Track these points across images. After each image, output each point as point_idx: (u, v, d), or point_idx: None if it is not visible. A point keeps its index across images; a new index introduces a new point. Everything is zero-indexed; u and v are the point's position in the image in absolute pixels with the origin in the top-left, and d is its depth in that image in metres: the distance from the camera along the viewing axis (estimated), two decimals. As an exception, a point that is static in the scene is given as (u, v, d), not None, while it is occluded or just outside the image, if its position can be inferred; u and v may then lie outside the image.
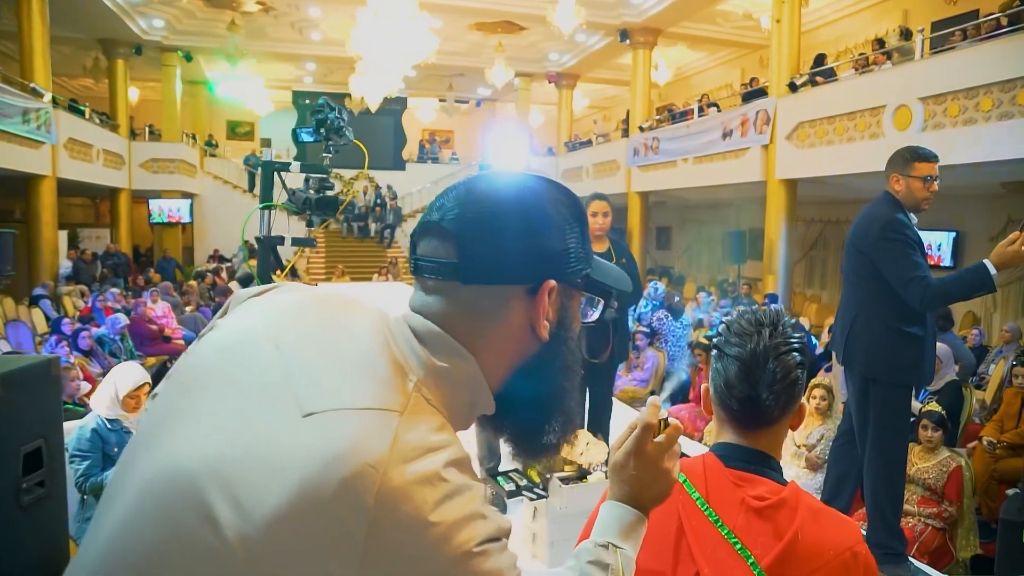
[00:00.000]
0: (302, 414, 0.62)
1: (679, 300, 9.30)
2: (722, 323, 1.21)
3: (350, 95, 12.39)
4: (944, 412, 3.90)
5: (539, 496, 2.76)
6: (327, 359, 0.68)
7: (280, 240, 2.96)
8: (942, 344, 4.70)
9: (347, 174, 17.31)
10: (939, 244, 10.07)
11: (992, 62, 7.02)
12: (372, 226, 18.77)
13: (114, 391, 3.26)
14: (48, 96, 11.45)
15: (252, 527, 0.57)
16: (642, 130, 14.62)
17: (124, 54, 15.64)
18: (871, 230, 2.80)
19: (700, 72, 18.25)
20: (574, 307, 0.81)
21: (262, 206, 2.97)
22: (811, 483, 4.10)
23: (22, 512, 1.62)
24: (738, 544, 1.06)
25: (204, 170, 18.29)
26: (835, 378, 4.75)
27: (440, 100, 21.65)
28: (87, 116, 13.87)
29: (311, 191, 2.96)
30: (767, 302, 7.71)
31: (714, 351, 1.19)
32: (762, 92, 11.34)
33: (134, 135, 16.72)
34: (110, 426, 3.24)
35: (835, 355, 3.48)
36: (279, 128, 19.52)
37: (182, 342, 8.94)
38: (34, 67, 11.35)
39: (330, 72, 18.95)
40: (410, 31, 10.27)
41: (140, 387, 3.29)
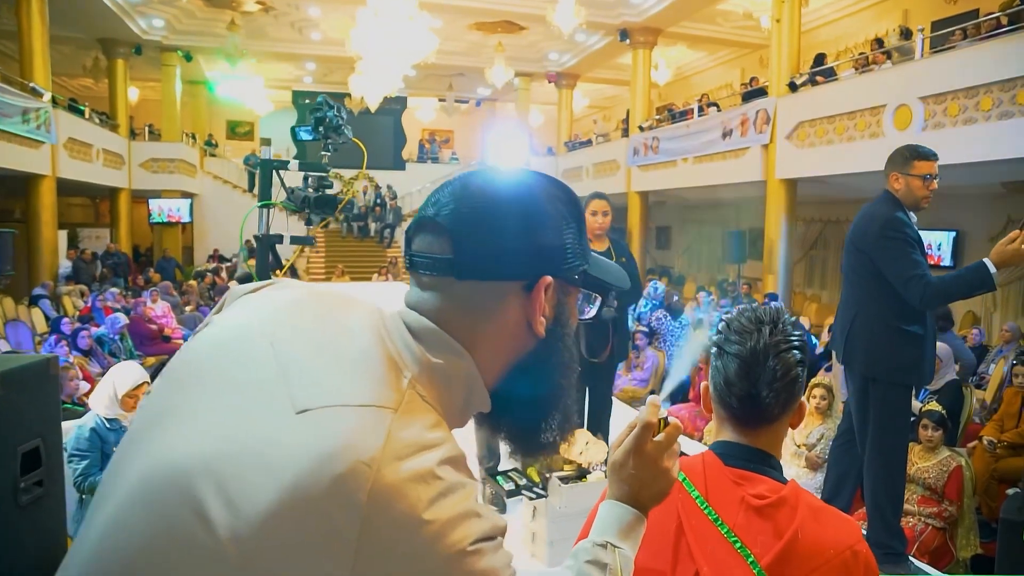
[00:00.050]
0: (296, 411, 0.62)
1: (678, 299, 9.30)
2: (722, 321, 1.20)
3: (350, 95, 12.38)
4: (944, 412, 3.89)
5: (538, 495, 2.76)
6: (322, 355, 0.67)
7: (279, 238, 2.96)
8: (942, 344, 4.70)
9: (347, 174, 17.32)
10: (939, 244, 10.06)
11: (992, 61, 7.01)
12: (372, 226, 18.77)
13: (113, 390, 3.26)
14: (48, 96, 11.45)
15: (244, 524, 0.57)
16: (642, 130, 14.61)
17: (124, 54, 15.64)
18: (871, 229, 2.79)
19: (700, 72, 18.25)
20: (571, 304, 0.80)
21: (261, 204, 2.96)
22: (811, 483, 4.09)
23: (20, 512, 1.61)
24: (738, 543, 1.05)
25: (204, 170, 18.29)
26: (835, 377, 4.74)
27: (440, 100, 21.64)
28: (87, 116, 13.86)
29: (310, 189, 2.96)
30: (767, 302, 7.66)
31: (714, 349, 1.18)
32: (762, 92, 11.33)
33: (134, 135, 16.72)
34: (109, 425, 3.23)
35: (835, 354, 3.47)
36: (279, 128, 19.47)
37: (181, 342, 8.92)
38: (34, 67, 11.35)
39: (330, 72, 18.95)
40: (410, 31, 10.27)
41: (139, 386, 3.28)
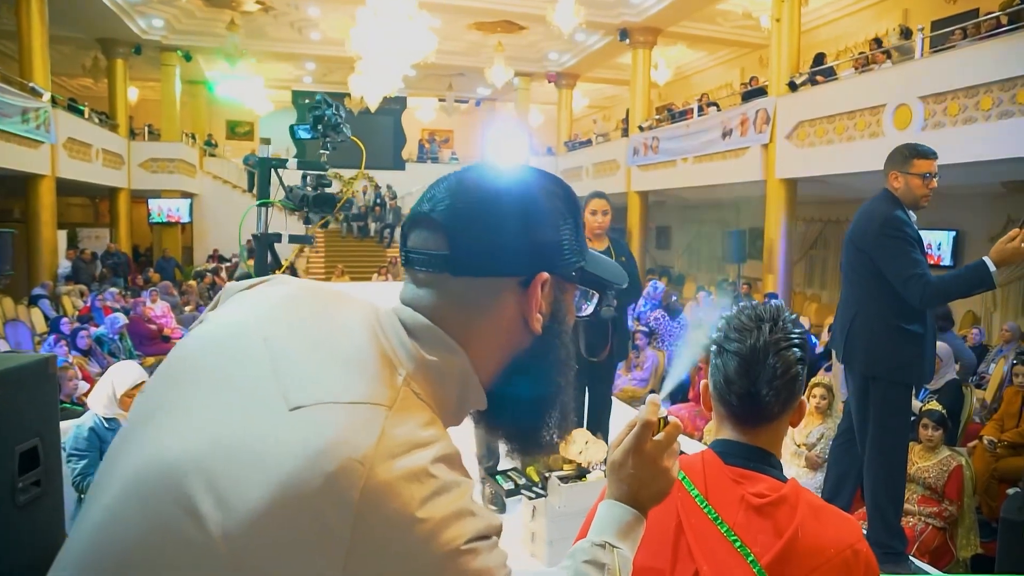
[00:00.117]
0: (289, 408, 0.61)
1: (676, 299, 9.32)
2: (722, 319, 1.19)
3: (350, 94, 12.38)
4: (944, 411, 3.89)
5: (538, 495, 2.76)
6: (316, 352, 0.67)
7: (277, 237, 2.95)
8: (942, 343, 4.69)
9: (347, 174, 17.32)
10: (939, 243, 10.05)
11: (992, 61, 7.01)
12: (372, 226, 18.79)
13: (112, 390, 3.26)
14: (47, 96, 11.45)
15: (234, 522, 0.56)
16: (642, 130, 14.61)
17: (123, 54, 15.64)
18: (870, 227, 2.78)
19: (700, 71, 18.25)
20: (568, 300, 0.79)
21: (259, 203, 2.95)
22: (811, 482, 4.08)
23: (18, 511, 1.61)
24: (737, 542, 1.04)
25: (203, 170, 18.29)
26: (835, 377, 4.74)
27: (440, 100, 21.64)
28: (86, 116, 13.86)
29: (308, 188, 2.95)
30: (767, 301, 7.64)
31: (714, 347, 1.17)
32: (762, 91, 11.33)
33: (133, 135, 16.72)
34: (107, 425, 3.23)
35: (835, 353, 3.47)
36: (279, 128, 19.41)
37: (181, 342, 8.93)
38: (33, 66, 11.35)
39: (330, 72, 18.95)
40: (409, 31, 10.27)
41: (138, 386, 3.28)
